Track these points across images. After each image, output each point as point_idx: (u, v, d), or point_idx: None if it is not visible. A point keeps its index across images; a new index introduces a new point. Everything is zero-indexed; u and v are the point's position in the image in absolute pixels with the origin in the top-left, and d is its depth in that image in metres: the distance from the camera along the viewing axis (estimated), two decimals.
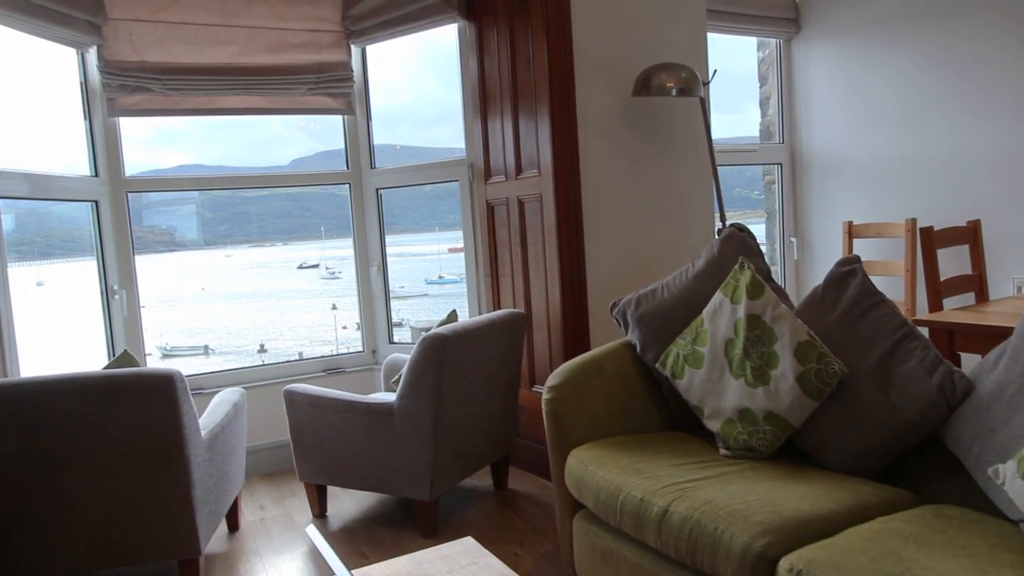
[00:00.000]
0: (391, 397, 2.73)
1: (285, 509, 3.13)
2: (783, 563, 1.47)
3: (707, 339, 2.15)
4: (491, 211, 3.51)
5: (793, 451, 2.04)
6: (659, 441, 2.16)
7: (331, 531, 2.87)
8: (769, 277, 2.27)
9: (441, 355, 2.58)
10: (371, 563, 2.44)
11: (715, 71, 3.38)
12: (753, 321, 2.05)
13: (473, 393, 2.79)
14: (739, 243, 2.38)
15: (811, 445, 1.96)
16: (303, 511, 3.08)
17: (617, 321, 2.47)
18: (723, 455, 2.03)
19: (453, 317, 3.10)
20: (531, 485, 3.23)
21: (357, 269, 3.99)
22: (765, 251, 4.31)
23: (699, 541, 1.63)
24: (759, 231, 4.67)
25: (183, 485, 2.26)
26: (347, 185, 3.91)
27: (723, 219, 3.29)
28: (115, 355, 3.34)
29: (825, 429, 1.93)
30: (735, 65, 4.68)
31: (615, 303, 2.48)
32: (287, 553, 2.71)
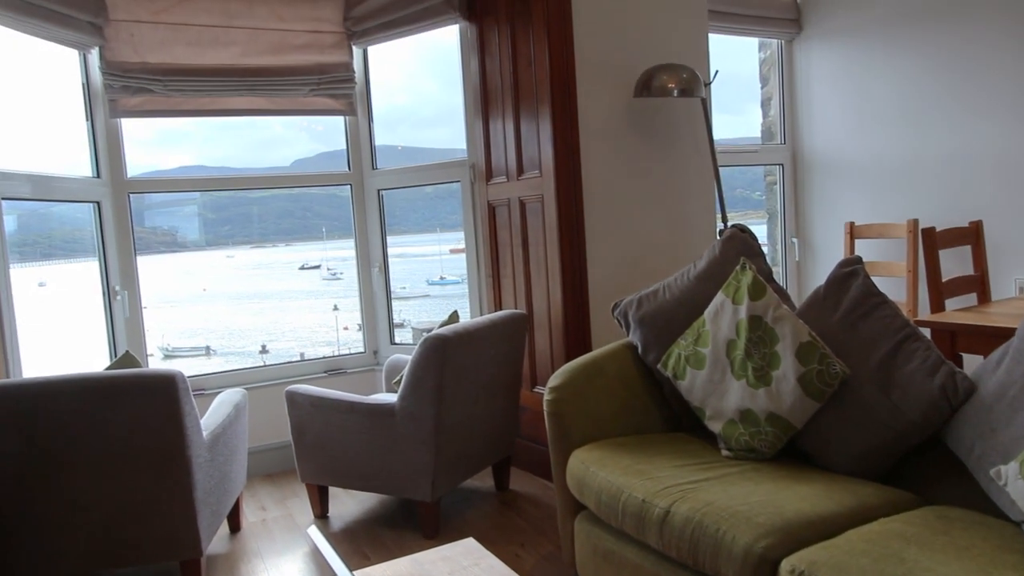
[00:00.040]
0: (392, 398, 2.73)
1: (287, 510, 3.13)
2: (785, 564, 1.47)
3: (709, 340, 2.15)
4: (492, 212, 3.51)
5: (795, 452, 2.04)
6: (661, 442, 2.16)
7: (332, 532, 2.87)
8: (771, 278, 2.27)
9: (442, 356, 2.58)
10: (372, 564, 2.44)
11: (716, 72, 3.38)
12: (755, 322, 2.05)
13: (474, 394, 2.79)
14: (741, 244, 2.38)
15: (813, 446, 1.96)
16: (305, 512, 3.08)
17: (618, 322, 2.47)
18: (725, 456, 2.03)
19: (454, 318, 3.10)
20: (532, 486, 3.23)
21: (358, 270, 3.99)
22: (767, 252, 4.31)
23: (701, 542, 1.63)
24: (761, 232, 4.66)
25: (184, 486, 2.26)
26: (348, 186, 3.91)
27: (724, 220, 3.28)
28: (117, 356, 3.34)
29: (827, 430, 1.93)
30: (737, 66, 4.68)
31: (616, 304, 2.48)
32: (289, 554, 2.71)
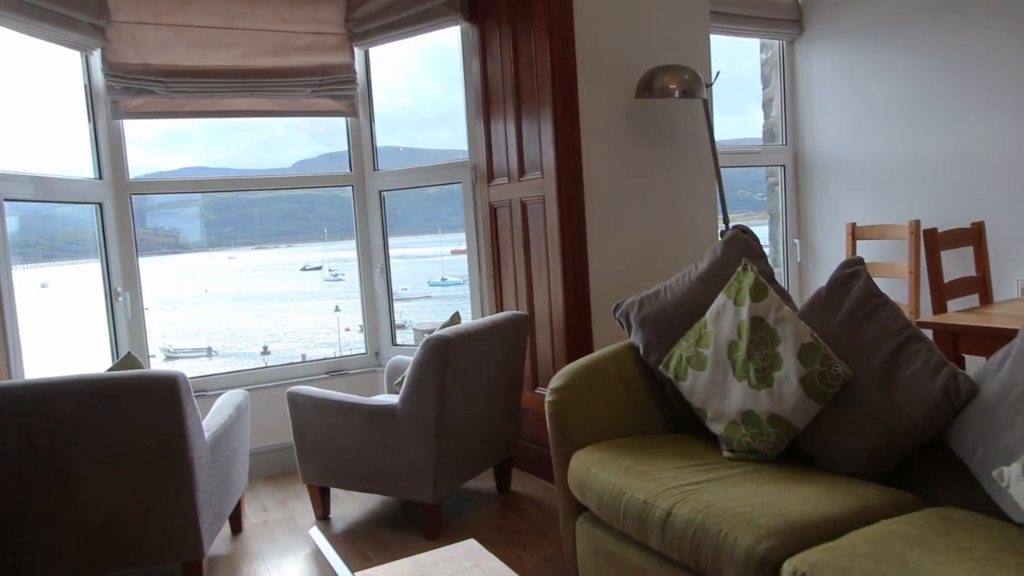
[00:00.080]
0: (394, 399, 2.73)
1: (288, 511, 3.13)
2: (787, 566, 1.47)
3: (710, 341, 2.15)
4: (494, 213, 3.51)
5: (797, 453, 2.03)
6: (662, 443, 2.16)
7: (334, 533, 2.87)
8: (772, 279, 2.27)
9: (444, 357, 2.58)
10: (374, 565, 2.44)
11: (718, 73, 3.38)
12: (756, 323, 2.05)
13: (476, 395, 2.79)
14: (742, 245, 2.37)
15: (815, 447, 1.96)
16: (306, 513, 3.08)
17: (620, 323, 2.47)
18: (726, 457, 2.03)
19: (456, 319, 3.10)
20: (534, 487, 3.23)
21: (360, 271, 3.99)
22: (768, 253, 4.30)
23: (703, 544, 1.63)
24: (762, 233, 4.66)
25: (186, 487, 2.26)
26: (350, 187, 3.92)
27: (726, 221, 3.28)
28: (119, 357, 3.35)
29: (829, 431, 1.93)
30: (738, 67, 4.68)
31: (618, 305, 2.48)
32: (290, 555, 2.71)
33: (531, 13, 3.07)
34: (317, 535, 2.87)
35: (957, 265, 3.48)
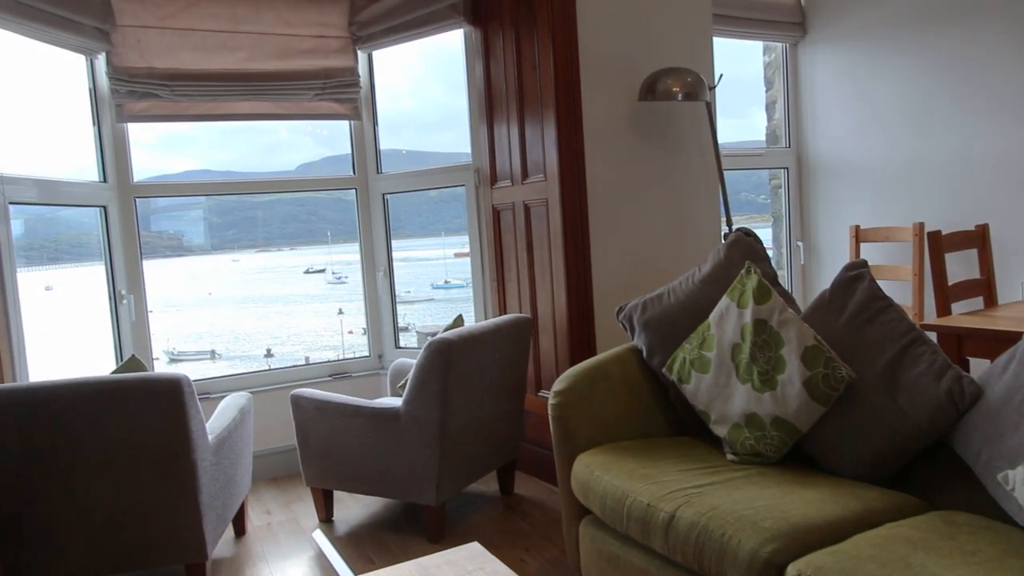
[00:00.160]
0: (397, 402, 2.73)
1: (291, 514, 3.13)
2: (791, 569, 1.47)
3: (714, 344, 2.14)
4: (497, 216, 3.52)
5: (800, 456, 2.03)
6: (665, 446, 2.16)
7: (337, 536, 2.87)
8: (776, 281, 2.27)
9: (447, 360, 2.58)
10: (377, 568, 2.44)
11: (721, 75, 3.38)
12: (760, 326, 2.05)
13: (479, 398, 2.79)
14: (745, 247, 2.37)
15: (819, 450, 1.96)
16: (309, 516, 3.08)
17: (623, 326, 2.46)
18: (730, 460, 2.03)
19: (459, 322, 3.10)
20: (537, 490, 3.22)
21: (363, 274, 4.00)
22: (771, 255, 4.30)
23: (706, 547, 1.62)
24: (766, 235, 4.66)
25: (190, 489, 2.27)
26: (354, 190, 3.92)
27: (729, 223, 3.28)
28: (123, 359, 3.35)
29: (833, 434, 1.92)
30: (741, 69, 4.68)
31: (621, 307, 2.48)
32: (294, 558, 2.71)
33: (534, 16, 3.08)
34: (320, 538, 2.87)
35: (961, 268, 3.47)
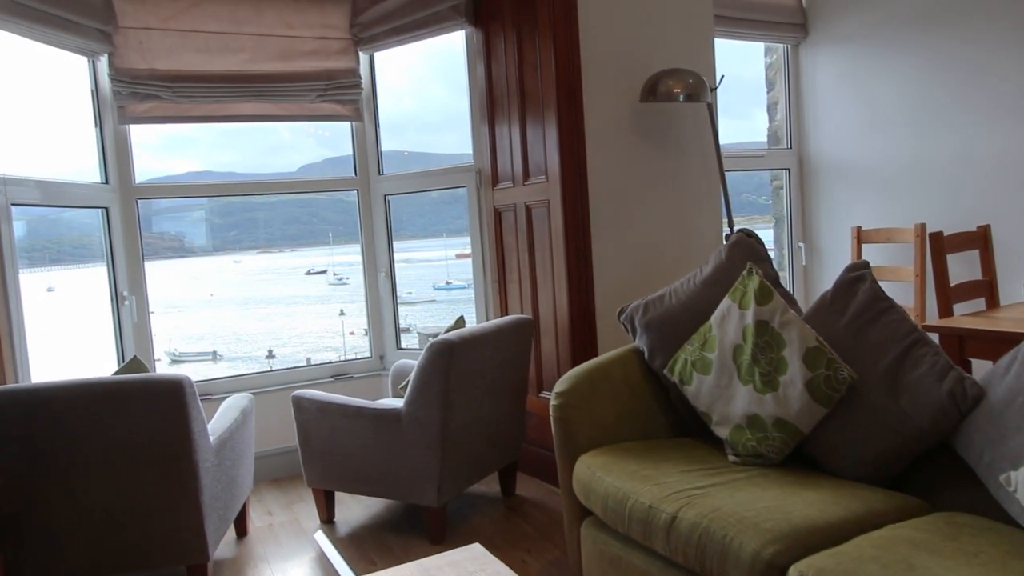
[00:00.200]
0: (399, 403, 2.73)
1: (293, 515, 3.13)
2: (793, 571, 1.46)
3: (715, 345, 2.14)
4: (499, 217, 3.52)
5: (802, 458, 2.03)
6: (667, 447, 2.16)
7: (339, 537, 2.87)
8: (777, 283, 2.27)
9: (449, 361, 2.58)
10: (379, 569, 2.44)
11: (723, 76, 3.38)
12: (761, 327, 2.05)
13: (481, 399, 2.79)
14: (747, 249, 2.37)
15: (820, 452, 1.95)
16: (311, 517, 3.08)
17: (625, 327, 2.46)
18: (732, 462, 2.02)
19: (461, 323, 3.10)
20: (539, 491, 3.22)
21: (365, 275, 4.00)
22: (773, 257, 4.29)
23: (708, 548, 1.62)
24: (767, 237, 4.65)
25: (192, 491, 2.27)
26: (355, 191, 3.93)
27: (731, 225, 3.28)
28: (124, 361, 3.36)
29: (834, 436, 1.92)
30: (743, 70, 4.67)
31: (623, 309, 2.48)
32: (295, 559, 2.71)
33: (536, 17, 3.08)
34: (322, 539, 2.87)
35: (963, 269, 3.46)
